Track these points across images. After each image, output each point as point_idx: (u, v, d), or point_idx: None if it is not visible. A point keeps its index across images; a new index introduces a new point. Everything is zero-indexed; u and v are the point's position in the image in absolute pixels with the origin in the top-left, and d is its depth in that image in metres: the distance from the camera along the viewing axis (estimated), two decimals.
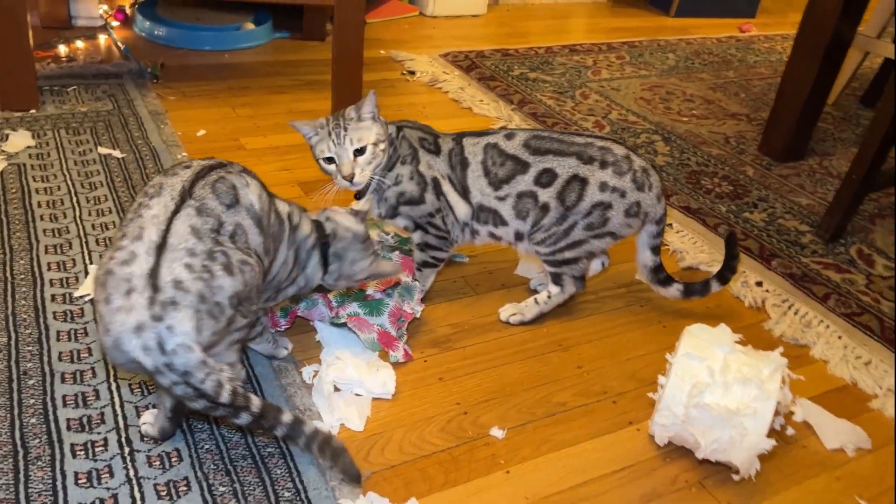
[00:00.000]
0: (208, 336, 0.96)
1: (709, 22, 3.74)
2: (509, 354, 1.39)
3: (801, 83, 2.18)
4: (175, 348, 0.91)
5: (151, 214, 0.98)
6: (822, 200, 2.06)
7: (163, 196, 1.00)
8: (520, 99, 2.48)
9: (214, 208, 1.01)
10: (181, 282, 0.93)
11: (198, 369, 0.93)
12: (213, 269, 0.96)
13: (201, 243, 0.97)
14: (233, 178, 1.07)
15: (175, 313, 0.92)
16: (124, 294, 0.91)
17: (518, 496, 1.11)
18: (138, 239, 0.95)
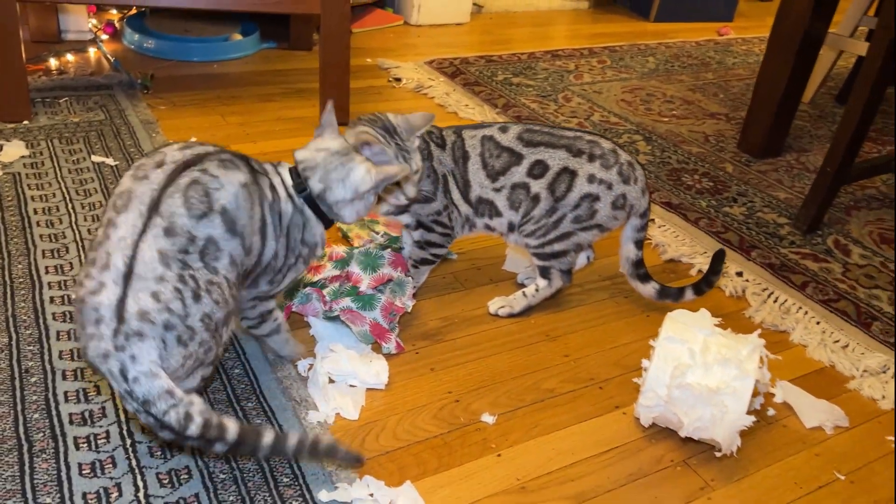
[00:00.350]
0: (179, 361, 0.97)
1: (688, 26, 3.81)
2: (498, 345, 1.43)
3: (776, 82, 2.24)
4: (137, 376, 0.92)
5: (118, 237, 0.95)
6: (799, 194, 2.12)
7: (130, 211, 0.96)
8: (504, 103, 2.53)
9: (184, 225, 0.97)
10: (147, 312, 0.93)
11: (160, 399, 0.92)
12: (182, 295, 0.95)
13: (169, 270, 0.95)
14: (207, 181, 1.01)
15: (140, 343, 0.92)
16: (94, 323, 0.92)
17: (509, 478, 1.15)
18: (106, 268, 0.93)
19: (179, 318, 0.95)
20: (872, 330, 1.56)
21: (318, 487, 1.08)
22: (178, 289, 0.95)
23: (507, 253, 1.71)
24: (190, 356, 0.98)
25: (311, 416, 1.20)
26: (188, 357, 0.98)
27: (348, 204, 1.17)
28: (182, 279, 0.96)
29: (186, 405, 0.93)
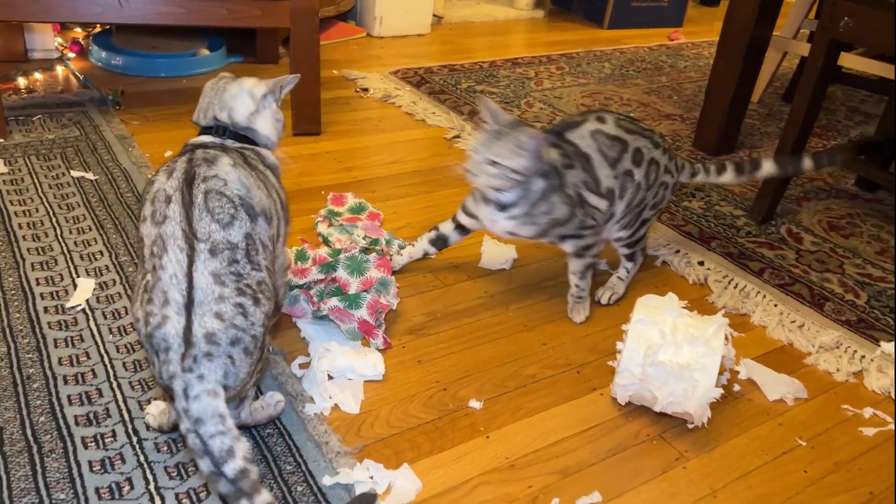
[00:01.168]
0: (247, 370, 1.03)
1: (640, 32, 3.96)
2: (480, 337, 1.50)
3: (727, 84, 2.37)
4: (199, 394, 0.96)
5: (168, 276, 0.99)
6: (752, 188, 2.24)
7: (170, 251, 1.00)
8: (469, 110, 2.62)
9: (222, 239, 1.02)
10: (213, 334, 0.98)
11: (211, 420, 0.95)
12: (244, 307, 1.01)
13: (226, 287, 1.00)
14: (213, 185, 1.05)
15: (209, 364, 0.98)
16: (164, 351, 0.98)
17: (499, 457, 1.22)
18: (166, 304, 0.98)
19: (244, 331, 1.01)
20: (825, 310, 1.68)
21: (321, 473, 1.14)
22: (238, 303, 1.01)
23: (483, 250, 1.79)
24: (256, 362, 1.04)
25: (308, 408, 1.26)
26: (254, 364, 1.04)
27: (257, 116, 1.25)
28: (240, 292, 1.01)
29: (234, 439, 0.95)
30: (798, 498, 1.21)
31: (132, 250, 1.62)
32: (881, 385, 1.46)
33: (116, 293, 1.49)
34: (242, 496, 0.93)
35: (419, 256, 1.67)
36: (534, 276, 1.72)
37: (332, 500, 1.10)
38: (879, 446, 1.33)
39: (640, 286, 1.71)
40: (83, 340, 1.35)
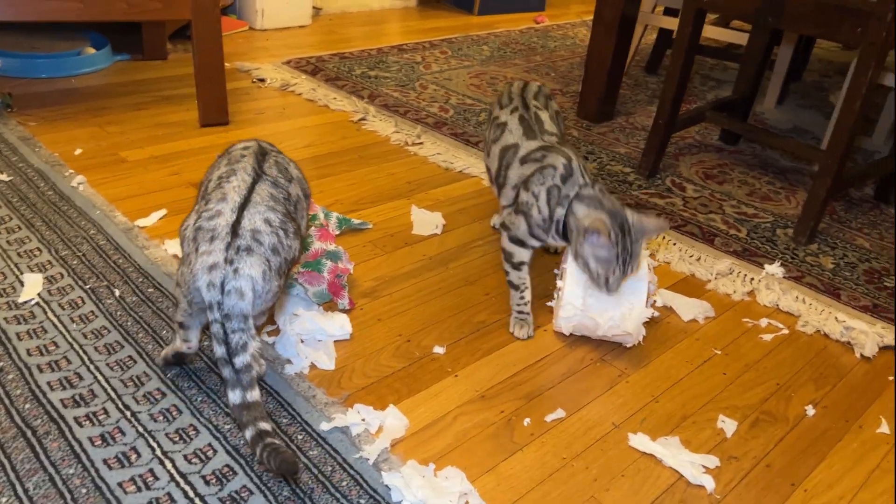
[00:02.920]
0: (276, 288, 1.14)
1: (508, 17, 4.19)
2: (428, 294, 1.62)
3: (603, 57, 2.61)
4: (231, 290, 1.09)
5: (233, 185, 1.17)
6: (635, 148, 2.49)
7: (238, 174, 1.20)
8: (369, 93, 2.71)
9: (283, 184, 1.23)
10: (259, 231, 1.12)
11: (237, 318, 1.09)
12: (287, 229, 1.16)
13: (278, 205, 1.18)
14: (280, 160, 1.28)
15: (247, 258, 1.10)
16: (209, 241, 1.11)
17: (469, 390, 1.36)
18: (223, 201, 1.15)
19: (283, 246, 1.15)
20: (715, 244, 1.93)
21: (317, 422, 1.22)
22: (283, 223, 1.17)
23: (413, 219, 1.91)
24: (280, 289, 1.16)
25: (288, 369, 1.34)
26: (279, 289, 1.16)
27: None
28: (287, 216, 1.18)
29: (250, 337, 1.10)
30: (722, 395, 1.42)
31: (71, 244, 1.61)
32: (770, 300, 1.72)
33: (67, 285, 1.48)
34: (239, 386, 1.08)
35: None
36: (464, 237, 1.86)
37: (332, 442, 1.19)
38: (777, 348, 1.57)
39: None
40: (46, 331, 1.35)
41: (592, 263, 1.36)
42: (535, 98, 1.64)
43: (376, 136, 2.40)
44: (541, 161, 1.46)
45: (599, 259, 1.35)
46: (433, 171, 2.20)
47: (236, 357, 1.08)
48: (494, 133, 1.61)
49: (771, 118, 2.92)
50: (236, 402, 1.08)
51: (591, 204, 1.38)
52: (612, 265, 1.35)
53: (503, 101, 1.65)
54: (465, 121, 2.57)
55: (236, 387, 1.08)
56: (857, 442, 1.34)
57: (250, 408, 1.08)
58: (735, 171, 2.40)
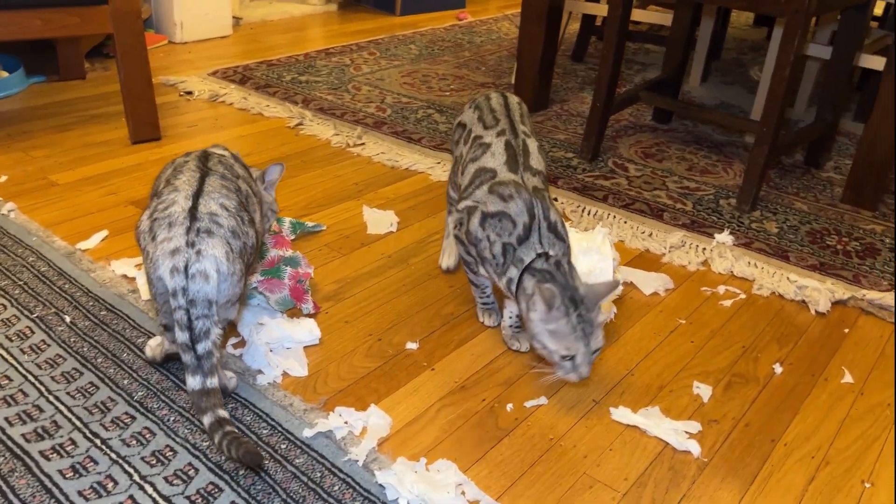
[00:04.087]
0: (240, 271, 1.13)
1: (431, 16, 4.19)
2: (393, 291, 1.60)
3: (534, 46, 2.63)
4: (195, 273, 1.08)
5: (183, 180, 1.17)
6: (574, 133, 2.52)
7: (185, 173, 1.19)
8: (303, 98, 2.67)
9: (231, 177, 1.22)
10: (216, 214, 1.12)
11: (202, 303, 1.08)
12: (243, 217, 1.15)
13: (234, 195, 1.18)
14: (225, 159, 1.28)
15: (209, 240, 1.09)
16: (167, 227, 1.10)
17: (449, 382, 1.34)
18: (175, 191, 1.14)
19: (241, 232, 1.14)
20: (665, 218, 1.97)
21: (298, 429, 1.18)
22: (238, 210, 1.16)
23: (366, 219, 1.88)
24: (243, 275, 1.15)
25: (260, 379, 1.29)
26: (242, 274, 1.14)
27: None
28: (241, 206, 1.18)
29: (213, 324, 1.09)
30: (693, 362, 1.45)
31: (10, 274, 1.52)
32: (724, 267, 1.76)
33: (12, 316, 1.40)
34: (200, 371, 1.08)
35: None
36: (420, 232, 1.84)
37: (317, 448, 1.15)
38: (737, 312, 1.61)
39: None
40: None
41: (551, 345, 1.22)
42: (522, 121, 1.47)
43: (316, 140, 2.36)
44: (506, 202, 1.30)
45: (556, 335, 1.21)
46: (379, 171, 2.18)
47: (199, 343, 1.08)
48: (474, 152, 1.42)
49: (698, 96, 3.00)
50: (196, 388, 1.07)
51: (542, 277, 1.25)
52: (572, 340, 1.21)
53: (487, 120, 1.45)
54: (405, 119, 2.55)
55: (197, 372, 1.08)
56: (825, 394, 1.38)
57: (209, 394, 1.07)
58: (672, 149, 2.46)
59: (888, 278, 1.75)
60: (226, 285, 1.12)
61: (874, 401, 1.37)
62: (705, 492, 1.15)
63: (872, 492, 1.17)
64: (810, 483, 1.18)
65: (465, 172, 1.42)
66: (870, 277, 1.75)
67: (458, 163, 1.50)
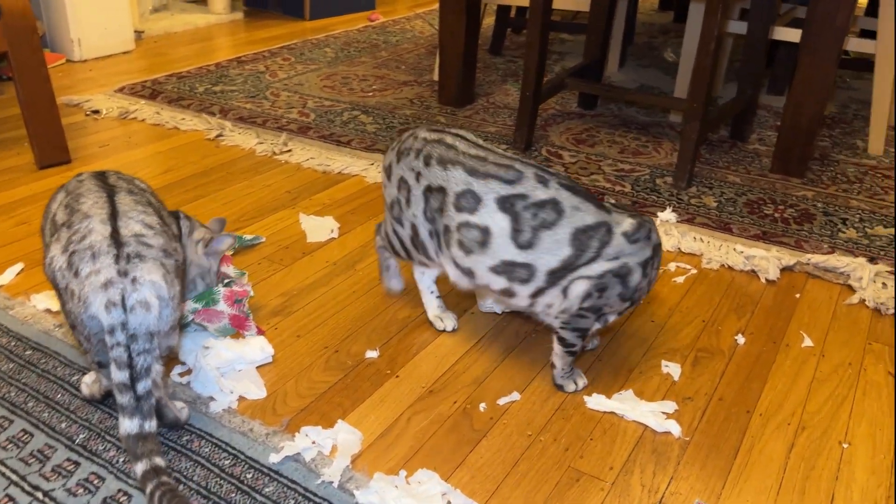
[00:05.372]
0: (180, 293, 1.02)
1: (341, 18, 4.10)
2: (343, 300, 1.52)
3: (456, 39, 2.59)
4: (134, 305, 0.96)
5: (89, 204, 1.04)
6: (504, 126, 2.49)
7: (87, 196, 1.06)
8: (220, 109, 2.54)
9: (137, 192, 1.11)
10: (142, 235, 1.00)
11: (143, 336, 0.98)
12: (168, 232, 1.04)
13: (150, 209, 1.06)
14: (122, 175, 1.17)
15: (142, 265, 0.98)
16: (91, 260, 0.97)
17: (416, 388, 1.28)
18: (87, 218, 1.02)
19: (171, 249, 1.03)
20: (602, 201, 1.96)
21: (263, 455, 1.10)
22: (162, 224, 1.06)
23: (304, 227, 1.79)
24: (182, 297, 1.06)
25: (213, 406, 1.19)
26: (181, 296, 1.05)
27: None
28: (162, 220, 1.07)
29: (155, 359, 0.99)
30: (657, 341, 1.43)
31: None
32: (671, 244, 1.76)
33: None
34: (138, 414, 0.98)
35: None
36: (363, 236, 1.77)
37: (286, 473, 1.07)
38: (691, 287, 1.61)
39: None
40: None
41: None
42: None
43: (240, 150, 2.25)
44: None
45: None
46: (311, 177, 2.09)
47: (139, 382, 0.98)
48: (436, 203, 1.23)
49: (618, 80, 3.03)
50: (132, 432, 0.98)
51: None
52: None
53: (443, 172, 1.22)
54: (330, 122, 2.47)
55: (135, 415, 0.98)
56: (789, 360, 1.39)
57: (147, 439, 0.98)
58: (602, 133, 2.46)
59: (827, 241, 1.79)
60: (167, 311, 1.02)
61: (835, 361, 1.39)
62: (692, 471, 1.12)
63: (851, 451, 1.17)
64: (791, 450, 1.17)
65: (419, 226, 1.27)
66: (810, 242, 1.78)
67: (398, 206, 1.30)
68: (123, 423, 0.97)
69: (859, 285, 1.60)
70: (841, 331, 1.48)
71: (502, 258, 1.18)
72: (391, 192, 1.31)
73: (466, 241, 1.20)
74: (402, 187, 1.27)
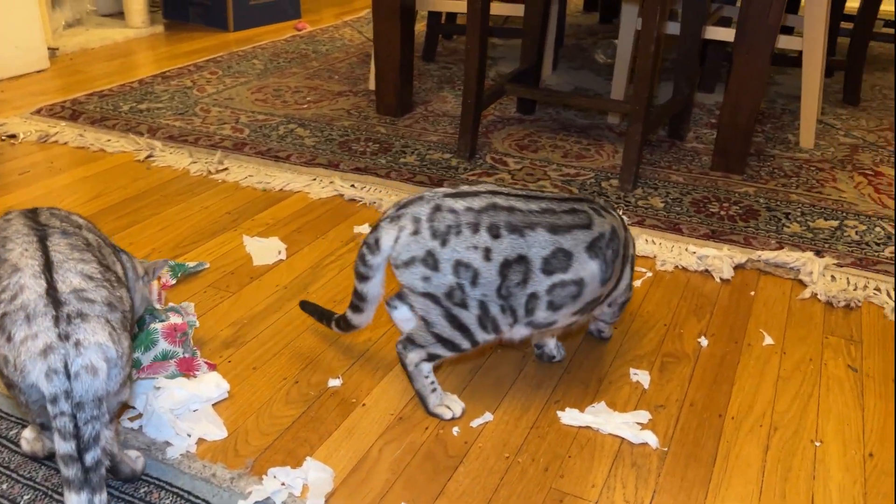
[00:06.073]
0: (123, 348, 0.91)
1: (267, 29, 4.00)
2: (298, 326, 1.46)
3: (392, 47, 2.54)
4: (79, 371, 0.86)
5: (18, 253, 0.92)
6: (445, 134, 2.46)
7: (15, 239, 0.95)
8: (148, 128, 2.42)
9: (73, 230, 0.99)
10: (82, 290, 0.88)
11: (90, 403, 0.88)
12: (111, 279, 0.92)
13: (89, 254, 0.93)
14: (55, 210, 1.07)
15: (84, 325, 0.87)
16: (25, 323, 0.85)
17: (385, 416, 1.22)
18: (17, 272, 0.90)
19: (116, 299, 0.91)
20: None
21: (231, 502, 1.03)
22: (104, 272, 0.94)
23: (249, 250, 1.71)
24: (132, 349, 0.95)
25: (170, 452, 1.11)
26: (131, 349, 0.94)
27: None
28: (102, 265, 0.95)
29: (104, 425, 0.90)
30: (623, 349, 1.41)
31: None
32: None
33: None
34: (87, 487, 0.89)
35: None
36: (313, 256, 1.70)
37: None
38: (648, 291, 1.61)
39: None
40: None
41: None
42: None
43: (172, 171, 2.15)
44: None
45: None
46: (251, 196, 2.00)
47: (88, 452, 0.89)
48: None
49: (552, 83, 3.04)
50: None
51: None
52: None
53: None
54: (266, 137, 2.38)
55: (83, 488, 0.89)
56: (752, 359, 1.39)
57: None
58: (543, 138, 2.45)
59: (774, 236, 1.82)
60: (116, 371, 0.93)
61: (797, 357, 1.40)
62: (673, 482, 1.11)
63: (824, 449, 1.18)
64: (766, 452, 1.17)
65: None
66: (759, 238, 1.81)
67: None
68: (70, 499, 0.88)
69: (810, 279, 1.63)
70: (798, 326, 1.50)
71: (588, 300, 1.20)
72: (443, 281, 1.12)
73: (558, 300, 1.16)
74: (463, 272, 1.11)
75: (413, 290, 1.14)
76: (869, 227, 1.88)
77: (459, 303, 1.12)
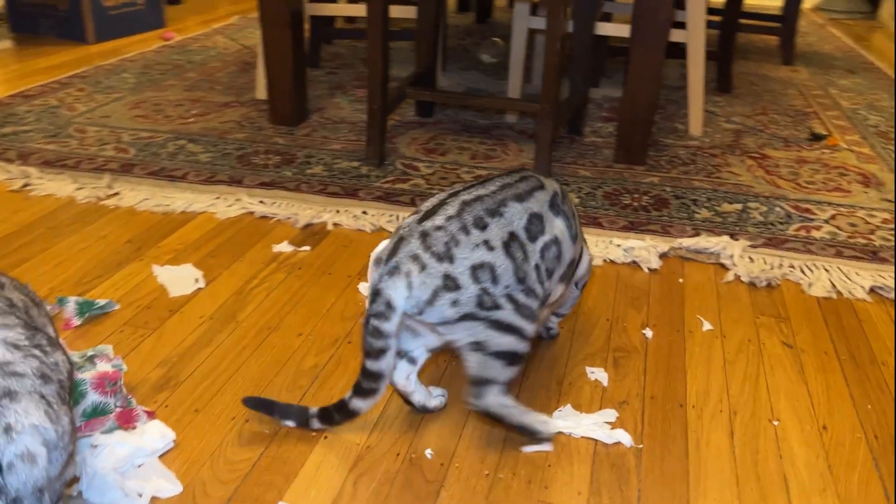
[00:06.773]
0: (63, 424, 0.77)
1: (130, 40, 3.74)
2: (234, 358, 1.35)
3: (284, 56, 2.43)
4: (13, 462, 0.72)
5: None
6: (348, 141, 2.38)
7: None
8: (17, 154, 2.19)
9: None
10: (8, 363, 0.74)
11: (31, 498, 0.74)
12: (41, 344, 0.78)
13: (11, 318, 0.78)
14: None
15: (14, 405, 0.73)
16: None
17: (352, 447, 1.15)
18: None
19: (49, 367, 0.78)
20: None
21: None
22: (31, 337, 0.81)
23: (162, 281, 1.57)
24: (73, 422, 0.81)
25: None
26: (72, 423, 0.81)
27: None
28: (28, 327, 0.81)
29: None
30: (573, 349, 1.41)
31: None
32: None
33: None
34: None
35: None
36: (234, 281, 1.59)
37: None
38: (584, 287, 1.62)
39: (352, 249, 1.72)
40: None
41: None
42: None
43: (56, 199, 1.95)
44: None
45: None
46: (150, 220, 1.85)
47: None
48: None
49: (445, 84, 3.02)
50: None
51: None
52: None
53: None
54: (155, 156, 2.21)
55: None
56: (697, 346, 1.43)
57: None
58: (448, 140, 2.43)
59: (688, 223, 1.88)
60: (57, 453, 0.81)
61: (736, 340, 1.45)
62: (655, 479, 1.11)
63: (783, 427, 1.22)
64: (732, 438, 1.20)
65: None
66: (675, 226, 1.87)
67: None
68: None
69: (731, 262, 1.70)
70: (729, 309, 1.55)
71: (567, 261, 1.22)
72: (469, 294, 1.07)
73: (550, 264, 1.17)
74: (481, 274, 1.07)
75: (448, 322, 1.08)
76: (770, 208, 1.99)
77: (492, 306, 1.08)
